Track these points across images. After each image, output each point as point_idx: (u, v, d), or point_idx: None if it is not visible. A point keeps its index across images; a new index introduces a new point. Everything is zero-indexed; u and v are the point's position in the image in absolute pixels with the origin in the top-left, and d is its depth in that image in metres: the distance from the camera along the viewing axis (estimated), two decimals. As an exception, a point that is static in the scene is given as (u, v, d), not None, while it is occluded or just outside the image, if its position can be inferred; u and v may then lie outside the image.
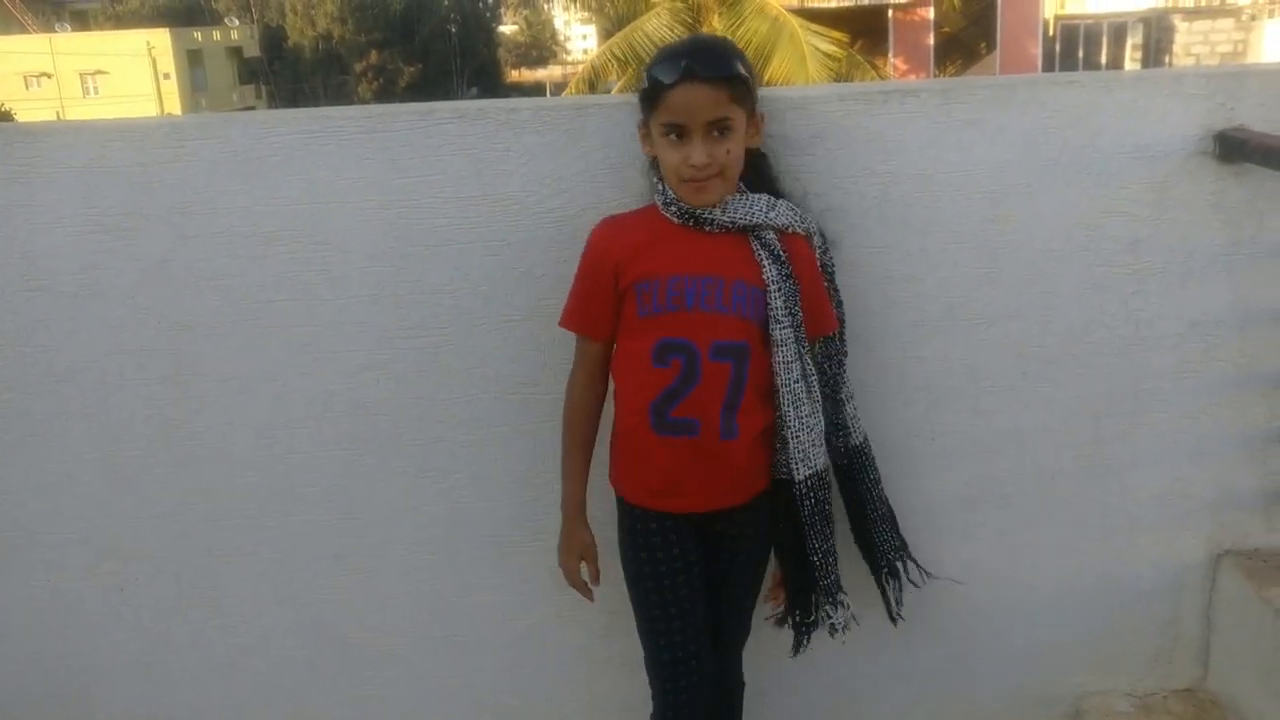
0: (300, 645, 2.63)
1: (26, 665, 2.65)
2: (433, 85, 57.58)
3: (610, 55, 17.85)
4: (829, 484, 2.21)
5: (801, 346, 2.09)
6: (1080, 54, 27.51)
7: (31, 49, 46.26)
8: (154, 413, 2.45)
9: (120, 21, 59.28)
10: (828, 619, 2.26)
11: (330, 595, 2.59)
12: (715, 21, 17.03)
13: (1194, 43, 25.12)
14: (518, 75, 72.62)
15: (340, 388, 2.44)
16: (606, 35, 23.31)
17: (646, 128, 2.08)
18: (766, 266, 2.05)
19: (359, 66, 59.19)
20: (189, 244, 2.35)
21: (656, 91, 1.99)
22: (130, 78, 44.55)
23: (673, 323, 2.04)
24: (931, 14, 23.79)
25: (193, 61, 48.89)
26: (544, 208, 2.33)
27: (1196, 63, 23.87)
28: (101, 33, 53.27)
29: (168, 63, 46.36)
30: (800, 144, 2.30)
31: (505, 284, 2.37)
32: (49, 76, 45.93)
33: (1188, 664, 2.70)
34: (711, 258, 2.06)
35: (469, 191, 2.32)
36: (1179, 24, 25.60)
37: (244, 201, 2.32)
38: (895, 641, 2.64)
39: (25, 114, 37.56)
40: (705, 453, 2.06)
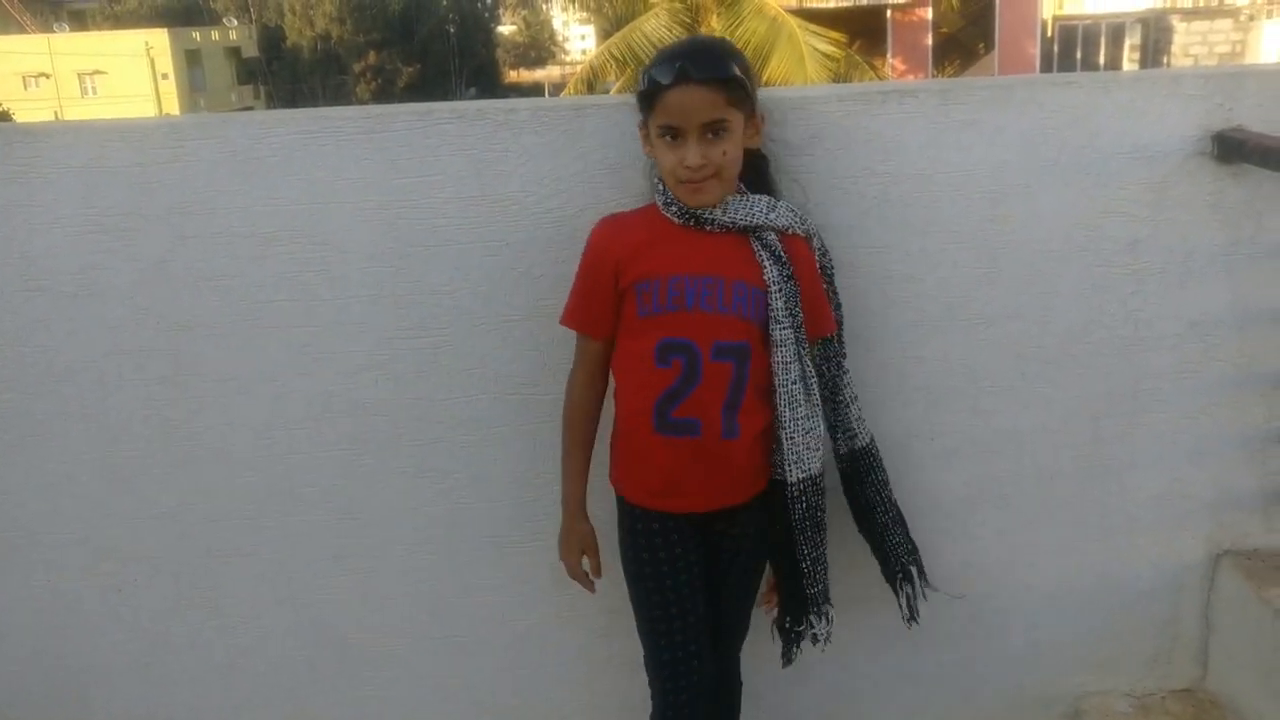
0: (299, 645, 2.63)
1: (26, 665, 2.65)
2: (431, 85, 57.56)
3: (609, 56, 17.84)
4: (824, 490, 2.19)
5: (801, 348, 2.09)
6: (1078, 54, 27.52)
7: (30, 49, 46.22)
8: (153, 413, 2.45)
9: (118, 22, 59.26)
10: (810, 628, 2.26)
11: (329, 596, 2.59)
12: (714, 22, 17.02)
13: (1192, 43, 25.14)
14: (516, 76, 72.61)
15: (339, 388, 2.43)
16: (605, 36, 23.32)
17: (645, 128, 2.08)
18: (768, 267, 2.06)
19: (357, 67, 59.18)
20: (188, 244, 2.35)
21: (653, 93, 1.99)
22: (128, 78, 44.53)
23: (673, 323, 2.04)
24: (930, 14, 23.81)
25: (191, 62, 48.86)
26: (543, 208, 2.33)
27: (1195, 63, 23.89)
28: (100, 33, 53.24)
29: (166, 63, 46.34)
30: (799, 144, 2.30)
31: (504, 284, 2.37)
32: (47, 76, 45.90)
33: (1187, 664, 2.70)
34: (712, 258, 2.06)
35: (468, 192, 2.32)
36: (1177, 25, 25.62)
37: (243, 202, 2.32)
38: (894, 642, 2.64)
39: (23, 114, 37.56)
40: (706, 452, 2.07)
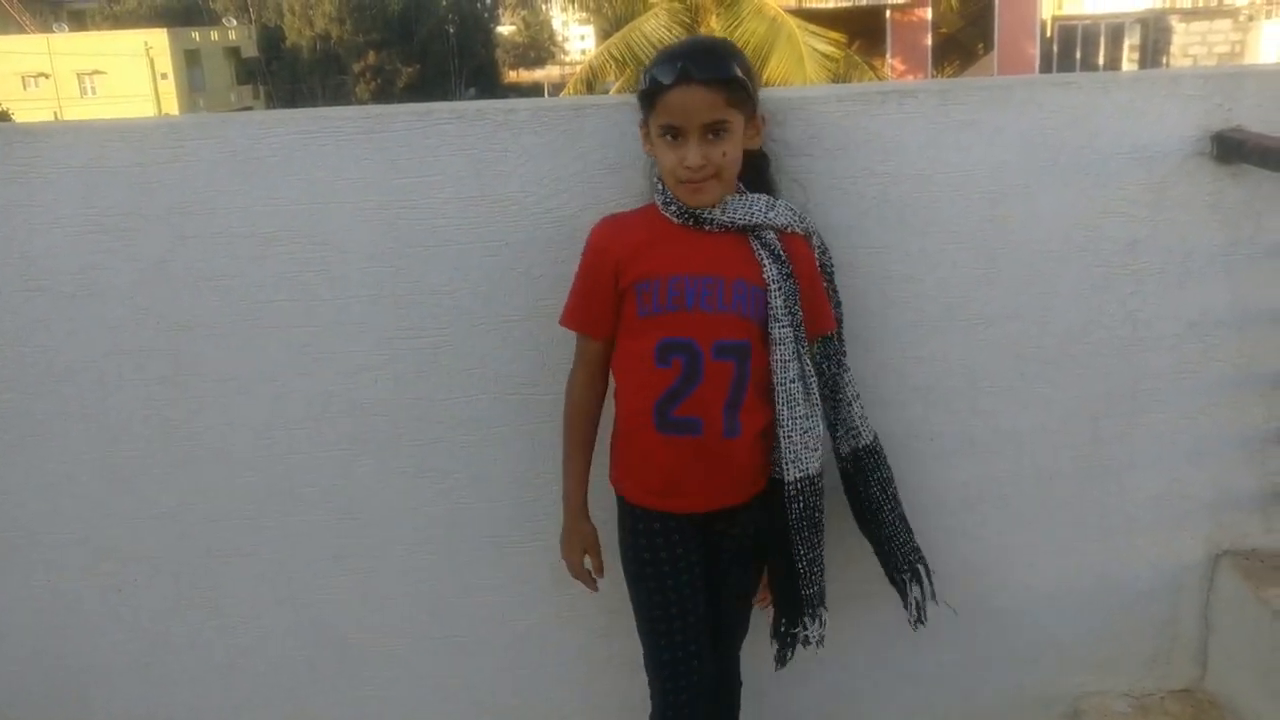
0: (299, 646, 2.63)
1: (26, 665, 2.65)
2: (431, 86, 57.57)
3: (608, 56, 17.85)
4: (822, 491, 2.18)
5: (800, 346, 2.09)
6: (1078, 55, 27.55)
7: (29, 49, 46.23)
8: (153, 413, 2.45)
9: (118, 22, 59.24)
10: (803, 630, 2.25)
11: (329, 596, 2.59)
12: (713, 22, 17.02)
13: (1191, 43, 25.17)
14: (515, 76, 72.62)
15: (339, 388, 2.44)
16: (604, 36, 23.32)
17: (646, 127, 2.08)
18: (767, 266, 2.06)
19: (357, 67, 59.17)
20: (188, 244, 2.35)
21: (654, 92, 1.99)
22: (128, 78, 44.53)
23: (673, 322, 2.04)
24: (929, 15, 23.81)
25: (190, 62, 48.86)
26: (542, 208, 2.33)
27: (1194, 64, 23.92)
28: (99, 33, 53.24)
29: (165, 63, 46.34)
30: (799, 144, 2.31)
31: (504, 284, 2.37)
32: (46, 77, 45.90)
33: (1186, 664, 2.71)
34: (711, 257, 2.06)
35: (468, 192, 2.32)
36: (1176, 25, 25.65)
37: (243, 202, 2.32)
38: (894, 642, 2.64)
39: (23, 114, 37.57)
40: (708, 451, 2.07)
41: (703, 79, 1.95)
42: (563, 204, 2.32)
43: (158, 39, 46.78)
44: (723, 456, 2.08)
